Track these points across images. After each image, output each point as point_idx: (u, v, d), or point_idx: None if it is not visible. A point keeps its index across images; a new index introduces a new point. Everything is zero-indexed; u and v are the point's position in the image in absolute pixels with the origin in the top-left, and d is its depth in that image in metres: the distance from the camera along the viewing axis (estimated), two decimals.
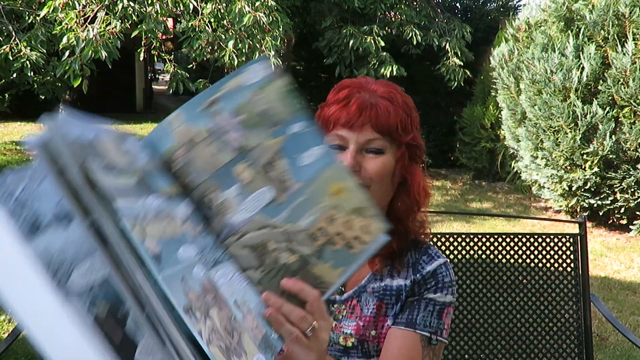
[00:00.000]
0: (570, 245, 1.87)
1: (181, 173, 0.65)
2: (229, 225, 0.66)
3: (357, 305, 1.07)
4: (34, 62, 4.12)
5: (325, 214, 0.70)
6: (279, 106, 0.68)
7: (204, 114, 0.65)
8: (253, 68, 0.67)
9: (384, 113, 0.97)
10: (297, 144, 0.69)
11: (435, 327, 1.03)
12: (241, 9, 4.26)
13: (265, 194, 0.68)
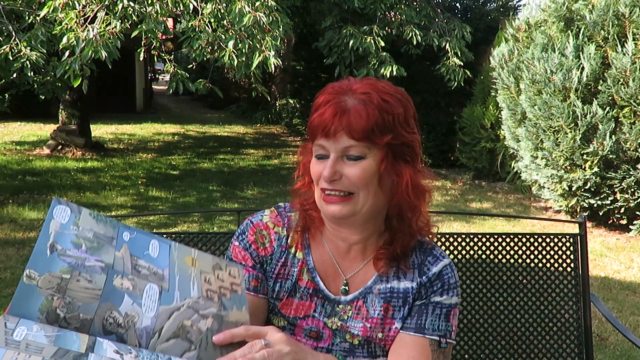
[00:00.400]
0: (570, 245, 1.86)
1: (71, 316, 0.70)
2: (144, 330, 0.73)
3: (362, 306, 1.07)
4: (34, 62, 4.12)
5: (200, 279, 0.83)
6: (100, 227, 0.78)
7: (53, 259, 0.70)
8: (58, 210, 0.74)
9: (357, 118, 0.94)
10: (137, 245, 0.80)
11: (444, 330, 1.03)
12: (241, 9, 4.26)
13: (153, 288, 0.77)
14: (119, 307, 0.73)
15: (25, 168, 7.63)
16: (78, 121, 8.86)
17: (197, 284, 0.82)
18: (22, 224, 5.11)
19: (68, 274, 0.71)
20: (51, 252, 0.71)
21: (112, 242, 0.78)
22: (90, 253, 0.75)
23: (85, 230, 0.76)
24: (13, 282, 3.79)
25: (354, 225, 1.04)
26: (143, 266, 0.79)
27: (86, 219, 0.77)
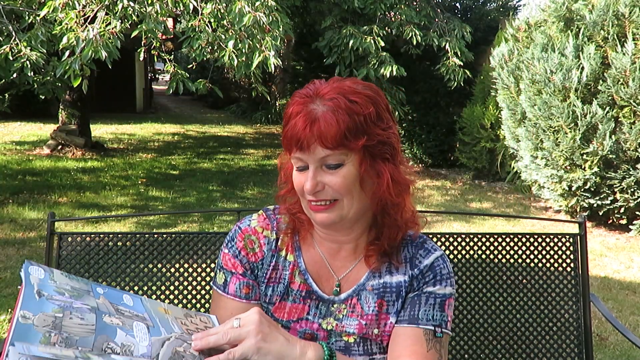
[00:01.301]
0: (570, 245, 1.87)
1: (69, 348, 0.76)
2: (143, 357, 0.80)
3: (357, 303, 1.07)
4: (34, 62, 4.11)
5: (178, 321, 0.91)
6: (74, 282, 0.85)
7: (42, 302, 0.77)
8: (32, 269, 0.81)
9: (327, 127, 0.92)
10: (112, 297, 0.88)
11: (439, 319, 1.03)
12: (241, 9, 4.26)
13: (140, 324, 0.84)
14: (114, 339, 0.79)
15: (25, 168, 7.63)
16: (78, 121, 8.86)
17: (177, 324, 0.91)
18: (22, 224, 5.11)
19: (60, 313, 0.77)
20: (39, 297, 0.77)
21: (89, 293, 0.85)
22: (75, 298, 0.81)
23: (62, 284, 0.83)
24: (13, 282, 3.79)
25: (343, 228, 1.05)
26: (124, 310, 0.86)
27: (59, 277, 0.84)
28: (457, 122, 8.30)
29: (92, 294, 0.85)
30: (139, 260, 1.69)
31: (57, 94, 5.95)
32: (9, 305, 3.42)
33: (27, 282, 0.78)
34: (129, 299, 0.90)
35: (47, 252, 1.68)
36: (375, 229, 1.07)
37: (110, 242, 1.70)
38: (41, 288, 0.79)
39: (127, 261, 1.69)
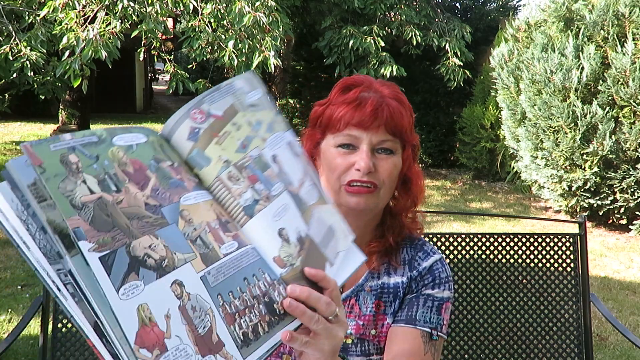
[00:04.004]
0: (570, 245, 1.87)
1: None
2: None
3: (355, 304, 1.07)
4: (34, 62, 4.12)
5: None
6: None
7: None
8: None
9: (398, 115, 0.99)
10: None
11: (435, 322, 1.03)
12: (241, 9, 4.26)
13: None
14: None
15: None
16: (78, 121, 8.86)
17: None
18: None
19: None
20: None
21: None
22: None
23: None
24: (13, 282, 3.79)
25: (363, 219, 1.05)
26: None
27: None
28: (457, 122, 8.30)
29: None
30: None
31: (57, 94, 5.95)
32: (8, 306, 3.42)
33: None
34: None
35: None
36: (381, 228, 1.08)
37: None
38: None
39: None
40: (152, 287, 0.58)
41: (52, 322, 1.68)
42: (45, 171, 0.56)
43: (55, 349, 1.67)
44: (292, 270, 0.70)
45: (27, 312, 1.73)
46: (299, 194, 0.75)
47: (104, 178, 0.60)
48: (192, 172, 0.69)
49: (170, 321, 0.58)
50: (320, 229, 0.76)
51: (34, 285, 3.76)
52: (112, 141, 0.63)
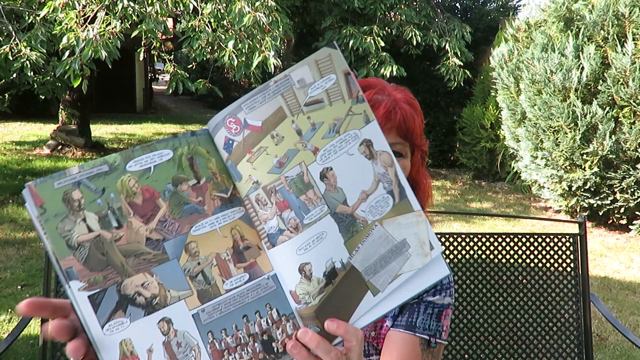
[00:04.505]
0: (570, 245, 1.87)
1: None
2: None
3: None
4: (34, 62, 4.12)
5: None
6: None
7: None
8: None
9: (410, 119, 1.00)
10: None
11: (434, 329, 1.03)
12: (241, 9, 4.26)
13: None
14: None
15: (25, 168, 7.63)
16: (78, 121, 8.86)
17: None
18: (22, 224, 5.11)
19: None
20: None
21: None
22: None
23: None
24: (13, 282, 3.79)
25: None
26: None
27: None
28: (457, 122, 8.30)
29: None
30: None
31: (57, 94, 5.95)
32: (9, 306, 3.42)
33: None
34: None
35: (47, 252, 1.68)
36: None
37: None
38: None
39: None
40: (138, 323, 0.59)
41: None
42: (45, 212, 0.57)
43: (55, 349, 1.68)
44: (307, 308, 0.65)
45: None
46: (356, 212, 0.66)
47: (106, 214, 0.59)
48: (229, 181, 0.65)
49: (153, 355, 0.60)
50: (377, 249, 0.67)
51: (34, 285, 3.76)
52: (125, 168, 0.61)
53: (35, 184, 0.58)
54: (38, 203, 0.57)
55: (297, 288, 0.64)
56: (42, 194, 0.58)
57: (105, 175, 0.60)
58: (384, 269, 0.67)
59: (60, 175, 0.60)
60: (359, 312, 0.66)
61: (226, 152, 0.64)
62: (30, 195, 0.58)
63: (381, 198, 0.67)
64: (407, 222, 0.68)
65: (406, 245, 0.68)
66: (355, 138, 0.67)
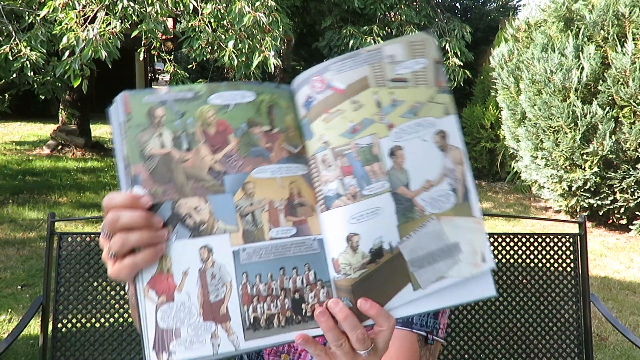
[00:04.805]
0: (570, 245, 1.87)
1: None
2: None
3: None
4: (34, 62, 4.12)
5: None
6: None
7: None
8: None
9: None
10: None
11: (431, 326, 1.03)
12: (241, 9, 4.26)
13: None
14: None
15: (25, 168, 7.63)
16: (78, 121, 8.86)
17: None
18: (22, 224, 5.11)
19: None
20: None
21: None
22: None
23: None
24: (13, 283, 3.79)
25: None
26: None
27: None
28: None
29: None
30: None
31: (57, 94, 5.95)
32: (8, 306, 3.42)
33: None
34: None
35: (47, 252, 1.68)
36: None
37: None
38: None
39: None
40: (181, 243, 0.61)
41: (52, 322, 1.68)
42: (130, 120, 0.63)
43: (55, 349, 1.68)
44: (345, 279, 0.63)
45: (27, 312, 1.74)
46: (415, 198, 0.64)
47: (180, 135, 0.63)
48: (300, 139, 0.66)
49: (187, 278, 0.61)
50: (428, 243, 0.64)
51: (34, 285, 3.76)
52: (207, 99, 0.64)
53: (129, 93, 0.63)
54: (126, 111, 0.63)
55: (340, 257, 0.63)
56: (131, 104, 0.63)
57: (188, 101, 0.63)
58: (431, 266, 0.65)
59: (150, 92, 0.64)
60: (395, 301, 0.64)
61: (304, 110, 0.65)
62: (122, 102, 0.63)
63: (444, 193, 0.65)
64: (465, 225, 0.66)
65: (458, 249, 0.65)
66: (432, 125, 0.65)
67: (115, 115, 0.63)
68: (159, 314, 0.60)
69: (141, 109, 0.63)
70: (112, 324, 1.70)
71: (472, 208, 0.66)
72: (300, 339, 0.63)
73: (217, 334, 0.61)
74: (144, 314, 0.60)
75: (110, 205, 0.61)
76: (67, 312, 1.68)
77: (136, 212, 0.60)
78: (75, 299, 1.69)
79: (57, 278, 1.69)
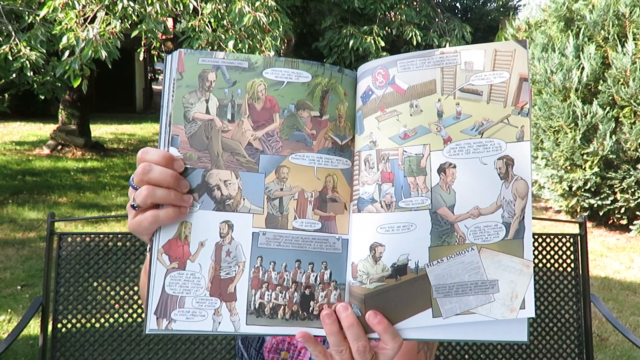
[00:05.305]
0: (570, 245, 1.86)
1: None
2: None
3: None
4: (34, 62, 4.12)
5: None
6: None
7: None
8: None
9: None
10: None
11: None
12: (241, 9, 4.26)
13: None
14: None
15: (25, 168, 7.63)
16: (78, 121, 8.86)
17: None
18: (22, 224, 5.11)
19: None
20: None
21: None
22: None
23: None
24: (13, 282, 3.79)
25: None
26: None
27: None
28: None
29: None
30: (139, 260, 1.68)
31: (57, 94, 5.95)
32: (8, 306, 3.42)
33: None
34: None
35: (47, 252, 1.67)
36: None
37: (110, 242, 1.69)
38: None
39: (127, 261, 1.68)
40: (204, 213, 0.61)
41: (52, 322, 1.68)
42: (182, 79, 0.61)
43: (55, 349, 1.67)
44: (360, 287, 0.61)
45: (27, 312, 1.73)
46: (458, 223, 0.59)
47: (226, 104, 0.62)
48: (351, 131, 0.63)
49: (202, 250, 0.61)
50: (460, 273, 0.60)
51: (34, 285, 3.76)
52: (262, 72, 0.62)
53: (185, 52, 0.61)
54: (180, 69, 0.61)
55: (360, 264, 0.61)
56: (186, 63, 0.61)
57: (242, 70, 0.62)
58: (458, 297, 0.60)
59: (207, 54, 0.62)
60: (409, 323, 0.61)
61: (361, 101, 0.62)
62: (178, 60, 0.61)
63: (493, 225, 0.60)
64: (510, 265, 0.61)
65: (495, 288, 0.60)
66: (497, 149, 0.59)
67: (167, 71, 0.62)
68: (168, 280, 0.60)
69: (195, 69, 0.61)
70: (112, 324, 1.70)
71: (524, 248, 0.61)
72: (301, 337, 0.61)
73: (220, 311, 0.61)
74: (153, 276, 0.60)
75: (145, 158, 0.61)
76: (67, 313, 1.68)
77: (167, 170, 0.60)
78: (75, 299, 1.69)
79: (56, 278, 1.68)
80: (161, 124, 0.62)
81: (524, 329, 0.61)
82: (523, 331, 0.61)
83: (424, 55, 0.60)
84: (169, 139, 0.61)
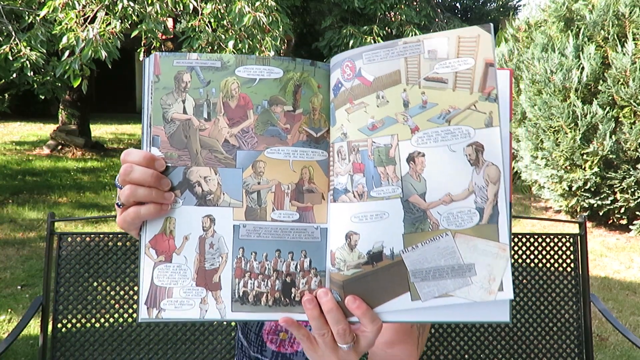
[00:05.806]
0: (570, 245, 1.86)
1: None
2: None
3: None
4: (34, 62, 4.12)
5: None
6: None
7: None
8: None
9: None
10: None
11: None
12: (241, 9, 4.26)
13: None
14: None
15: (25, 168, 7.63)
16: (78, 121, 8.86)
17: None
18: (22, 224, 5.11)
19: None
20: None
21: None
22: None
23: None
24: (13, 282, 3.79)
25: None
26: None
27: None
28: None
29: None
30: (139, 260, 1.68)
31: (57, 94, 5.96)
32: (8, 306, 3.42)
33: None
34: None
35: (47, 252, 1.68)
36: None
37: (110, 242, 1.69)
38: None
39: (127, 261, 1.68)
40: (187, 209, 0.64)
41: (52, 322, 1.68)
42: (158, 81, 0.64)
43: (55, 349, 1.67)
44: (338, 274, 0.63)
45: (27, 312, 1.73)
46: (430, 210, 0.60)
47: (202, 104, 0.64)
48: (326, 123, 0.65)
49: (187, 243, 0.64)
50: (436, 258, 0.61)
51: (34, 285, 3.76)
52: (234, 70, 0.64)
53: (161, 55, 0.64)
54: (156, 72, 0.64)
55: (337, 251, 0.63)
56: (162, 66, 0.64)
57: (215, 70, 0.64)
58: (435, 281, 0.61)
59: (180, 56, 0.65)
60: (388, 306, 0.63)
61: (333, 94, 0.64)
62: (154, 63, 0.64)
63: (466, 211, 0.60)
64: (485, 249, 0.60)
65: (472, 271, 0.61)
66: (466, 136, 0.59)
67: (145, 74, 0.65)
68: (156, 272, 0.64)
69: (170, 71, 0.64)
70: (112, 324, 1.70)
71: (498, 232, 0.60)
72: (284, 322, 0.64)
73: (207, 300, 0.64)
74: (142, 269, 0.64)
75: (127, 160, 0.63)
76: (66, 312, 1.68)
77: (148, 170, 0.62)
78: (75, 299, 1.69)
79: (56, 278, 1.68)
80: (143, 125, 0.65)
81: (505, 310, 0.62)
82: (505, 312, 0.62)
83: (387, 46, 0.60)
84: (151, 139, 0.64)
